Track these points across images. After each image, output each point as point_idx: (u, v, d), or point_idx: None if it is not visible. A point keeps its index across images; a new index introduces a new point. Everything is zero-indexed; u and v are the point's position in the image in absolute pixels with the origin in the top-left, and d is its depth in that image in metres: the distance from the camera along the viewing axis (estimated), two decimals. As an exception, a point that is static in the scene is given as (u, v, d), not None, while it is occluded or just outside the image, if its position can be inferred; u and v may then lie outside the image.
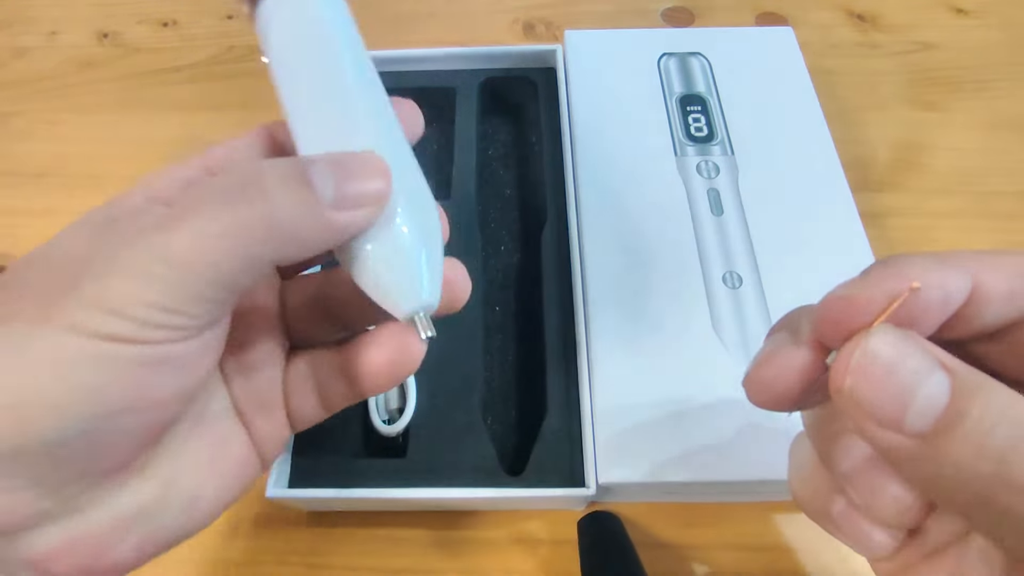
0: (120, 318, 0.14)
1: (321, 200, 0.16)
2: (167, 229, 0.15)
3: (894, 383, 0.13)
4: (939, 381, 0.12)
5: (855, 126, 0.42)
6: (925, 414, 0.12)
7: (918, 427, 0.12)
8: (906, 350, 0.13)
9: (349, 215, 0.16)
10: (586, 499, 0.29)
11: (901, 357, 0.13)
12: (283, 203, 0.16)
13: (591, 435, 0.28)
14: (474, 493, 0.27)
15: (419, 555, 0.30)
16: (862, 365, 0.13)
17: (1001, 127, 0.42)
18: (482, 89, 0.40)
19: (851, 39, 0.46)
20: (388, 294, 0.18)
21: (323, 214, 0.16)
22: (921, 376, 0.12)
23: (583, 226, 0.33)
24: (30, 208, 0.41)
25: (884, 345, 0.13)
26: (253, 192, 0.16)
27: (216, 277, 0.15)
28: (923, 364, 0.12)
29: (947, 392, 0.12)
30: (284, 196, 0.16)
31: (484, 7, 0.49)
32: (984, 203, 0.39)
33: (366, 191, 0.17)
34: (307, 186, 0.16)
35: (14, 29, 0.50)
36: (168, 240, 0.15)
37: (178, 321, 0.15)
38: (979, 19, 0.47)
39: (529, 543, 0.30)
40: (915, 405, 0.12)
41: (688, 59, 0.39)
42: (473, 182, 0.36)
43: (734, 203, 0.34)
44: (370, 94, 0.20)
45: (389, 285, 0.17)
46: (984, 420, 0.12)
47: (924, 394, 0.12)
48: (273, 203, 0.16)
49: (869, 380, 0.13)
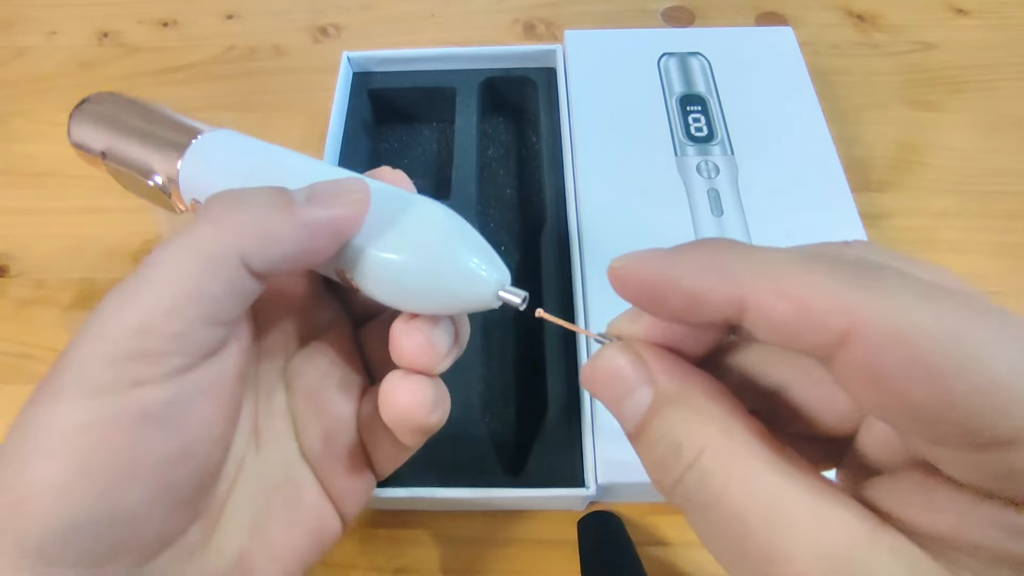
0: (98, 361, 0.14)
1: (294, 199, 0.16)
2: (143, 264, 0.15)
3: (612, 388, 0.15)
4: (643, 395, 0.14)
5: (855, 126, 0.42)
6: (630, 419, 0.15)
7: (627, 428, 0.15)
8: (624, 364, 0.15)
9: (322, 212, 0.16)
10: (586, 499, 0.29)
11: (619, 369, 0.15)
12: (253, 205, 0.16)
13: (591, 435, 0.28)
14: (474, 493, 0.27)
15: (419, 555, 0.30)
16: (595, 367, 0.15)
17: (1001, 127, 0.42)
18: (482, 89, 0.40)
19: (851, 39, 0.46)
20: (460, 296, 0.17)
21: (293, 212, 0.16)
22: (630, 387, 0.15)
23: (583, 226, 0.33)
24: (30, 208, 0.41)
25: (608, 358, 0.15)
26: (226, 197, 0.16)
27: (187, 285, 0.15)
28: (635, 377, 0.15)
29: (647, 404, 0.14)
30: (255, 199, 0.16)
31: (484, 7, 0.49)
32: (984, 203, 0.39)
33: (340, 196, 0.17)
34: (282, 192, 0.17)
35: (14, 29, 0.50)
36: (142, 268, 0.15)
37: (156, 344, 0.15)
38: (979, 19, 0.47)
39: (529, 543, 0.30)
40: (623, 411, 0.15)
41: (688, 59, 0.39)
42: (473, 182, 0.36)
43: (734, 203, 0.34)
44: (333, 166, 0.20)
45: (456, 286, 0.17)
46: (653, 434, 0.14)
47: (629, 404, 0.15)
48: (243, 204, 0.16)
49: (597, 380, 0.15)
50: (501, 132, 0.41)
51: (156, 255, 0.16)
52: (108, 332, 0.15)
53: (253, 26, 0.49)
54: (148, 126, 0.23)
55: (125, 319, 0.15)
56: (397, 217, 0.18)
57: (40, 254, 0.39)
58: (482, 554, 0.30)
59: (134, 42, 0.49)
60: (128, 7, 0.50)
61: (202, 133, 0.21)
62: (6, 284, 0.38)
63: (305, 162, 0.20)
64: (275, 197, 0.16)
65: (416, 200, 0.18)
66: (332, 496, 0.20)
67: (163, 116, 0.23)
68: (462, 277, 0.17)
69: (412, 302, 0.18)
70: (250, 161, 0.20)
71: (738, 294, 0.13)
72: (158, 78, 0.47)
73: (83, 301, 0.37)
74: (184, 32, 0.49)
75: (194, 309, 0.15)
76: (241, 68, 0.47)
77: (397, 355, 0.18)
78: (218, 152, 0.21)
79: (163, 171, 0.22)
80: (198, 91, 0.46)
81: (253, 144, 0.21)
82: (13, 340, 0.36)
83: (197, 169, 0.21)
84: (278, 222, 0.16)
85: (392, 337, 0.18)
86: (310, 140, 0.42)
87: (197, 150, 0.21)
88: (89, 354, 0.14)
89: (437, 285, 0.17)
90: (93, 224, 0.40)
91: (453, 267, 0.17)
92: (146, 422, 0.15)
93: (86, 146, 0.24)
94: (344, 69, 0.39)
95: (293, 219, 0.16)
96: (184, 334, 0.15)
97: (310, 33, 0.49)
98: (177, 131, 0.22)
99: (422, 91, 0.40)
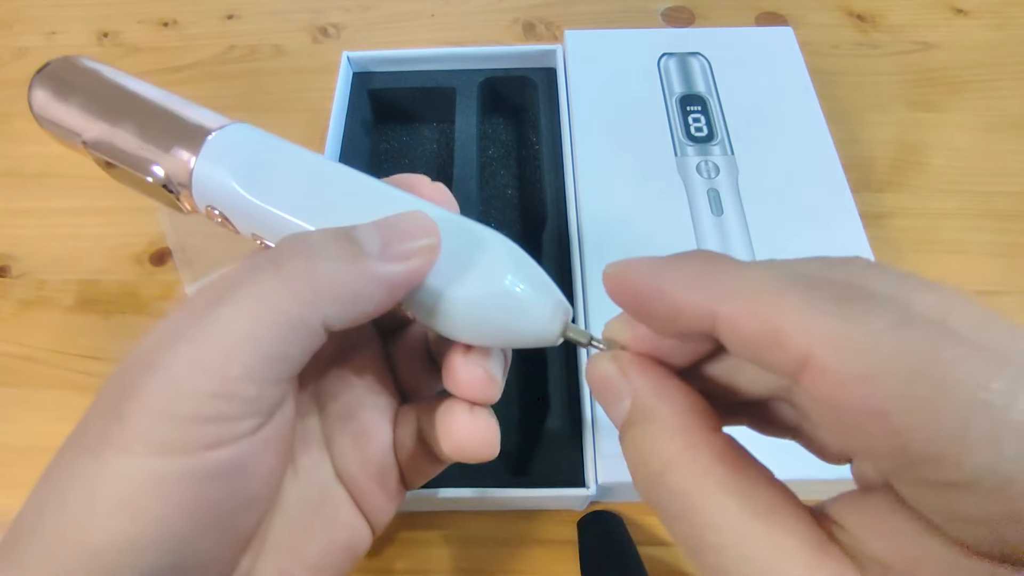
0: (172, 419, 0.14)
1: (367, 253, 0.16)
2: (204, 312, 0.15)
3: (604, 392, 0.16)
4: (624, 406, 0.16)
5: (855, 126, 0.42)
6: (617, 422, 0.16)
7: (617, 427, 0.16)
8: (612, 372, 0.16)
9: (399, 267, 0.16)
10: (586, 499, 0.29)
11: (609, 376, 0.16)
12: (326, 258, 0.15)
13: (591, 435, 0.28)
14: (475, 493, 0.27)
15: (420, 555, 0.30)
16: (590, 371, 0.16)
17: (1001, 127, 0.42)
18: (482, 89, 0.40)
19: (851, 39, 0.46)
20: (527, 334, 0.17)
21: (369, 266, 0.16)
22: (617, 395, 0.16)
23: (583, 226, 0.33)
24: (30, 208, 0.41)
25: (599, 365, 0.16)
26: (296, 254, 0.15)
27: (263, 348, 0.15)
28: (619, 388, 0.16)
29: (627, 411, 0.16)
30: (327, 252, 0.15)
31: (484, 7, 0.49)
32: (984, 203, 0.39)
33: (414, 244, 0.16)
34: (350, 240, 0.16)
35: (14, 29, 0.50)
36: (210, 321, 0.14)
37: (233, 408, 0.15)
38: (979, 19, 0.47)
39: (530, 543, 0.30)
40: (612, 414, 0.16)
41: (688, 59, 0.39)
42: (473, 182, 0.36)
43: (734, 203, 0.34)
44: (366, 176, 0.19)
45: (523, 324, 0.17)
46: (628, 443, 0.15)
47: (615, 411, 0.16)
48: (315, 260, 0.15)
49: (593, 383, 0.16)
50: (501, 132, 0.41)
51: (227, 306, 0.15)
52: (181, 390, 0.14)
53: (253, 26, 0.49)
54: (145, 111, 0.20)
55: (199, 380, 0.14)
56: (461, 251, 0.17)
57: (41, 255, 0.39)
58: (483, 554, 0.30)
59: (134, 42, 0.49)
60: (128, 7, 0.50)
61: (215, 129, 0.19)
62: (7, 285, 0.38)
63: (343, 172, 0.19)
64: (349, 250, 0.16)
65: (478, 232, 0.18)
66: (365, 511, 0.20)
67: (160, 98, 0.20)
68: (530, 316, 0.17)
69: (475, 337, 0.18)
70: (283, 169, 0.19)
71: (712, 308, 0.13)
72: (158, 78, 0.47)
73: (84, 302, 0.37)
74: (184, 32, 0.49)
75: (270, 372, 0.15)
76: (241, 68, 0.47)
77: (456, 388, 0.18)
78: (240, 154, 0.19)
79: (170, 168, 0.19)
80: (198, 91, 0.46)
81: (277, 145, 0.19)
82: (14, 341, 0.36)
83: (217, 172, 0.19)
84: (357, 282, 0.15)
85: (451, 371, 0.18)
86: (310, 140, 0.42)
87: (214, 148, 0.19)
88: (159, 411, 0.14)
89: (501, 324, 0.17)
90: (95, 225, 0.40)
91: (521, 306, 0.17)
92: (217, 479, 0.15)
93: (61, 126, 0.20)
94: (344, 69, 0.39)
95: (371, 276, 0.16)
96: (259, 398, 0.15)
97: (310, 33, 0.49)
98: (183, 121, 0.19)
99: (422, 91, 0.40)
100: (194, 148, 0.19)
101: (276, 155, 0.19)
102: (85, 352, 0.36)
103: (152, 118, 0.19)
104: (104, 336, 0.36)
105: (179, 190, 0.19)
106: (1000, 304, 0.36)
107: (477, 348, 0.18)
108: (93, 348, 0.36)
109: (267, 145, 0.19)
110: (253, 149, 0.19)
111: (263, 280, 0.15)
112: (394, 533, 0.30)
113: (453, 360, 0.18)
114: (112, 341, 0.36)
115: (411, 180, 0.20)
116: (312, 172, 0.19)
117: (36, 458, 0.33)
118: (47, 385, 0.34)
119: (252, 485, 0.16)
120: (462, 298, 0.17)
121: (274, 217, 0.18)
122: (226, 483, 0.15)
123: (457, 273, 0.17)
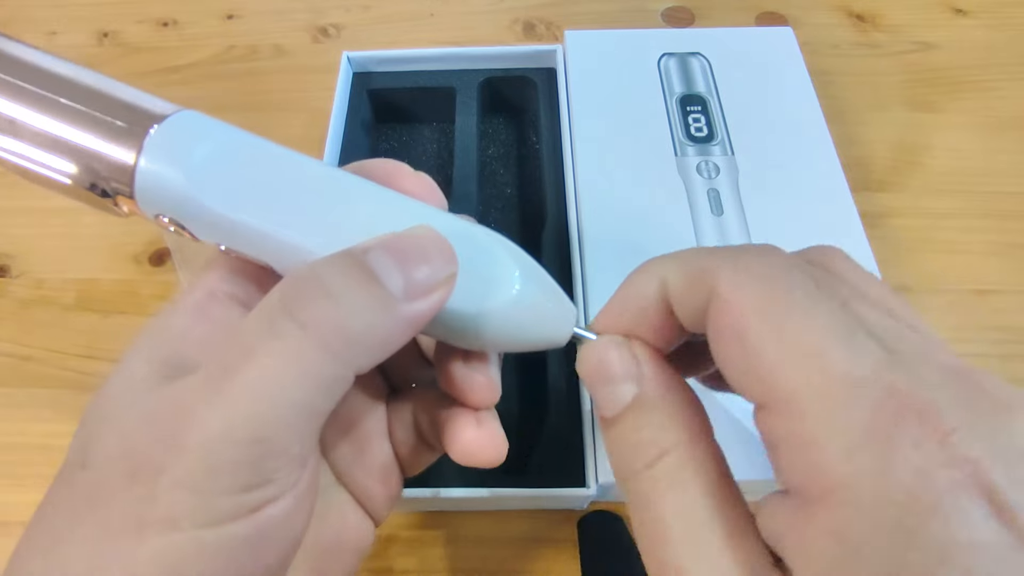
0: (216, 494, 0.13)
1: (393, 294, 0.14)
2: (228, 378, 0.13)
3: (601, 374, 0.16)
4: (626, 389, 0.16)
5: (855, 126, 0.42)
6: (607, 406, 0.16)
7: (602, 412, 0.16)
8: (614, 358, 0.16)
9: (425, 303, 0.15)
10: (586, 499, 0.29)
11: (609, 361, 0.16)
12: (355, 309, 0.14)
13: (591, 435, 0.28)
14: (475, 492, 0.27)
15: (420, 555, 0.30)
16: (589, 355, 0.17)
17: (1001, 127, 0.42)
18: (482, 89, 0.40)
19: (851, 39, 0.46)
20: (535, 339, 0.17)
21: (398, 310, 0.14)
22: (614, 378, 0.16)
23: (583, 226, 0.33)
24: (30, 208, 0.41)
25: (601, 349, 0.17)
26: (320, 306, 0.14)
27: (300, 412, 0.14)
28: (621, 371, 0.16)
29: (629, 399, 0.16)
30: (354, 301, 0.14)
31: (484, 7, 0.49)
32: (984, 203, 0.39)
33: (436, 277, 0.15)
34: (375, 283, 0.14)
35: (14, 29, 0.50)
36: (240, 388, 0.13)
37: (275, 473, 0.14)
38: (979, 19, 0.47)
39: (529, 543, 0.30)
40: (601, 396, 0.16)
41: (688, 59, 0.39)
42: (473, 182, 0.36)
43: (734, 203, 0.34)
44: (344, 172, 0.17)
45: (532, 330, 0.17)
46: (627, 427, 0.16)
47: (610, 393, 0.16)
48: (344, 313, 0.14)
49: (588, 362, 0.17)
50: (501, 132, 0.41)
51: (255, 372, 0.13)
52: (220, 465, 0.13)
53: (253, 26, 0.49)
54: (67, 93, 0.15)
55: (239, 452, 0.13)
56: (467, 262, 0.16)
57: (40, 255, 0.39)
58: (483, 553, 0.30)
59: (134, 42, 0.49)
60: (128, 7, 0.50)
61: (161, 117, 0.15)
62: (7, 284, 0.38)
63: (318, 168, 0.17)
64: (378, 297, 0.14)
65: (481, 238, 0.17)
66: (367, 508, 0.20)
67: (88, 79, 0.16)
68: (539, 324, 0.17)
69: (481, 345, 0.17)
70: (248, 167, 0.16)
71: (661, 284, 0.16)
72: (158, 78, 0.47)
73: (84, 302, 0.37)
74: (184, 32, 0.49)
75: (308, 427, 0.14)
76: (241, 68, 0.47)
77: (460, 395, 0.18)
78: (194, 149, 0.15)
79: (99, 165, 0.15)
80: (198, 91, 0.46)
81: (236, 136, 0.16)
82: (14, 341, 0.36)
83: (166, 174, 0.15)
84: (387, 328, 0.14)
85: (452, 379, 0.18)
86: (310, 140, 0.42)
87: (161, 142, 0.15)
88: (200, 487, 0.13)
89: (513, 332, 0.17)
90: (94, 224, 0.40)
91: (536, 315, 0.17)
92: (268, 536, 0.14)
93: None
94: (344, 69, 0.39)
95: (400, 319, 0.15)
96: (301, 453, 0.15)
97: (310, 33, 0.49)
98: (120, 106, 0.15)
99: (422, 91, 0.40)
100: (134, 142, 0.15)
101: (238, 149, 0.16)
102: (84, 352, 0.36)
103: (76, 102, 0.15)
104: (103, 336, 0.36)
105: (115, 191, 0.15)
106: (1000, 304, 0.36)
107: (476, 354, 0.18)
108: (92, 348, 0.36)
109: (224, 136, 0.16)
110: (208, 140, 0.16)
111: (288, 338, 0.14)
112: (395, 533, 0.30)
113: (453, 368, 0.18)
114: (111, 341, 0.36)
115: (389, 167, 0.18)
116: (282, 169, 0.16)
117: (35, 457, 0.33)
118: (46, 385, 0.34)
119: (296, 534, 0.16)
120: (473, 311, 0.16)
121: (244, 227, 0.16)
122: (274, 540, 0.15)
123: (468, 286, 0.16)
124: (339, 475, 0.19)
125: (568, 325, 0.17)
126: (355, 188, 0.17)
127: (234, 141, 0.16)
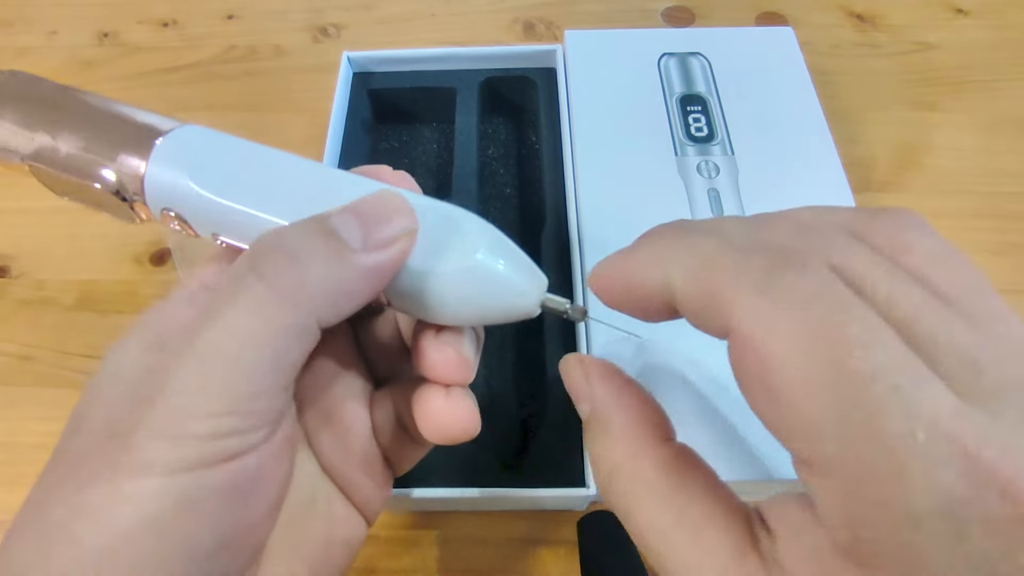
0: (189, 439, 0.14)
1: (349, 245, 0.15)
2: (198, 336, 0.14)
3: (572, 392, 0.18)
4: (583, 409, 0.18)
5: (855, 126, 0.42)
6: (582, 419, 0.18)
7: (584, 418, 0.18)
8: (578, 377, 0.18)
9: (384, 255, 0.16)
10: (586, 499, 0.29)
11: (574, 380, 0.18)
12: (312, 260, 0.15)
13: (591, 435, 0.28)
14: (474, 493, 0.27)
15: (419, 555, 0.30)
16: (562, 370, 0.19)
17: (1001, 127, 0.42)
18: (482, 89, 0.40)
19: (851, 39, 0.46)
20: (503, 308, 0.17)
21: (355, 259, 0.15)
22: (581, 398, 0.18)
23: (583, 226, 0.33)
24: (31, 208, 0.41)
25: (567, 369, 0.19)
26: (279, 259, 0.15)
27: (266, 361, 0.15)
28: (578, 389, 0.18)
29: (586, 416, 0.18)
30: (311, 252, 0.15)
31: (484, 7, 0.49)
32: (984, 203, 0.39)
33: (394, 229, 0.16)
34: (332, 235, 0.15)
35: (14, 29, 0.50)
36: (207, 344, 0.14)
37: (247, 422, 0.14)
38: (979, 19, 0.47)
39: (529, 543, 0.30)
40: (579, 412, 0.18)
41: (688, 59, 0.39)
42: (473, 182, 0.36)
43: (734, 203, 0.34)
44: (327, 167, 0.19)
45: (498, 299, 0.17)
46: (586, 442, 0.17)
47: (580, 410, 0.18)
48: (301, 263, 0.15)
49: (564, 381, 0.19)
50: (501, 132, 0.41)
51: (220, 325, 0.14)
52: (192, 414, 0.14)
53: (253, 26, 0.49)
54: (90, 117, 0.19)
55: (208, 403, 0.14)
56: (431, 231, 0.17)
57: (41, 255, 0.39)
58: (482, 554, 0.30)
59: (134, 42, 0.49)
60: (128, 7, 0.50)
61: (166, 131, 0.19)
62: (7, 285, 0.38)
63: (302, 163, 0.19)
64: (334, 248, 0.15)
65: (446, 210, 0.18)
66: (356, 503, 0.20)
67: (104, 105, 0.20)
68: (505, 289, 0.17)
69: (450, 316, 0.17)
70: (239, 164, 0.19)
71: (666, 282, 0.15)
72: (158, 78, 0.47)
73: (84, 302, 0.37)
74: (184, 32, 0.49)
75: (276, 381, 0.15)
76: (241, 68, 0.47)
77: (429, 371, 0.18)
78: (193, 152, 0.19)
79: (120, 172, 0.18)
80: (198, 91, 0.46)
81: (230, 141, 0.19)
82: (14, 341, 0.36)
83: (170, 171, 0.18)
84: (346, 278, 0.15)
85: (422, 353, 0.18)
86: (310, 140, 0.42)
87: (166, 149, 0.18)
88: (173, 434, 0.14)
89: (479, 299, 0.17)
90: (94, 224, 0.40)
91: (495, 280, 0.17)
92: (239, 490, 0.15)
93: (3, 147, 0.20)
94: (344, 69, 0.39)
95: (359, 269, 0.15)
96: (270, 407, 0.15)
97: (310, 33, 0.49)
98: (132, 124, 0.19)
99: (422, 91, 0.40)
100: (144, 150, 0.18)
101: (231, 151, 0.19)
102: (84, 352, 0.36)
103: (98, 123, 0.19)
104: (103, 336, 0.36)
105: (132, 198, 0.19)
106: (1000, 304, 0.36)
107: (448, 328, 0.18)
108: (92, 348, 0.36)
109: (220, 142, 0.19)
110: (206, 146, 0.19)
111: (250, 292, 0.15)
112: (393, 533, 0.30)
113: (423, 342, 0.18)
114: (111, 341, 0.36)
115: (369, 170, 0.19)
116: (270, 165, 0.19)
117: (35, 457, 0.33)
118: (46, 384, 0.34)
119: (271, 491, 0.16)
120: (436, 277, 0.17)
121: (236, 212, 0.18)
122: (247, 493, 0.15)
123: (430, 253, 0.17)
124: (325, 467, 0.19)
125: (536, 293, 0.18)
126: (336, 178, 0.19)
127: (227, 143, 0.19)
